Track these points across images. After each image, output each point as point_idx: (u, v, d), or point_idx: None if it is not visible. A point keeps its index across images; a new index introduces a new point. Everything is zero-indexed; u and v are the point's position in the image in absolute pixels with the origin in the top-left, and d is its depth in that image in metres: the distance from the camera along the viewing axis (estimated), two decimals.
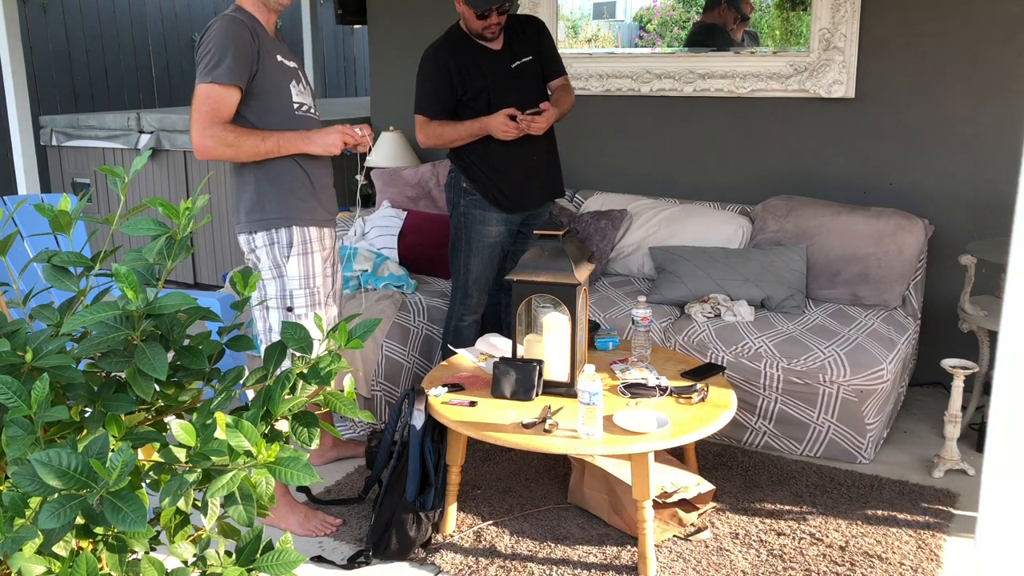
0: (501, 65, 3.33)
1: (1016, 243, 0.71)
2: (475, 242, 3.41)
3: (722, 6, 4.41)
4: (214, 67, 2.51)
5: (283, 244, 2.70)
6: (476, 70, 3.29)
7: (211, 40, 2.55)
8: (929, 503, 2.99)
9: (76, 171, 5.94)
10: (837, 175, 4.08)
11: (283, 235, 2.69)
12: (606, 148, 4.59)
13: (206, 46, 2.55)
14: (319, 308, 2.76)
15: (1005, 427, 0.73)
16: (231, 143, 2.54)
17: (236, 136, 2.55)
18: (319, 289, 2.76)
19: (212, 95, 2.52)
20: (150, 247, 1.33)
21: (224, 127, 2.54)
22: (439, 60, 3.31)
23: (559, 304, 2.76)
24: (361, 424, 3.51)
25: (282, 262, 2.70)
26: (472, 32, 3.30)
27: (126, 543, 1.23)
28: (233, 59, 2.51)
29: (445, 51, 3.32)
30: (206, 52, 2.54)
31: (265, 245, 2.70)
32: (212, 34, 2.56)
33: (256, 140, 2.58)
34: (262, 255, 2.72)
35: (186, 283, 5.61)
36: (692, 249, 3.88)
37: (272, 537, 1.34)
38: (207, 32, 2.58)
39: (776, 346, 3.31)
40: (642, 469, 2.50)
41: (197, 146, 2.55)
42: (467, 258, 3.43)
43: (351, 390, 1.40)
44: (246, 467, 1.18)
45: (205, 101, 2.52)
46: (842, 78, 3.94)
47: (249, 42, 2.56)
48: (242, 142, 2.56)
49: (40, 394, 1.13)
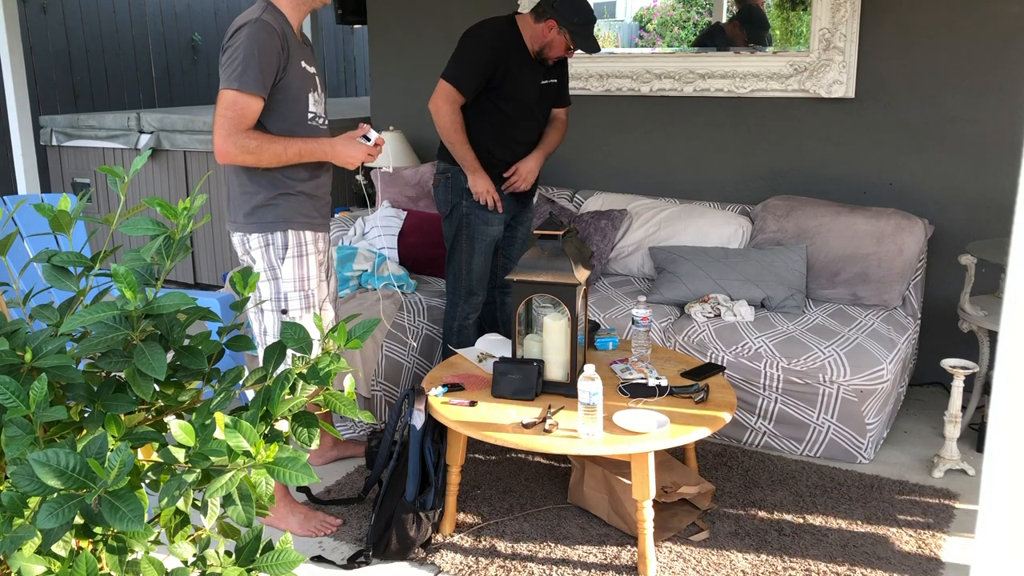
0: (534, 78, 3.39)
1: (1016, 243, 0.71)
2: (477, 241, 3.42)
3: (734, 23, 4.44)
4: (241, 74, 2.49)
5: (278, 246, 2.69)
6: (517, 73, 3.32)
7: (240, 44, 2.52)
8: (929, 503, 2.99)
9: (76, 171, 5.94)
10: (837, 175, 4.08)
11: (279, 238, 2.69)
12: (606, 148, 4.59)
13: (234, 50, 2.52)
14: (314, 311, 2.76)
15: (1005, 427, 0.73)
16: (253, 150, 2.55)
17: (259, 143, 2.55)
18: (314, 292, 2.76)
19: (238, 103, 2.51)
20: (148, 247, 1.33)
21: (247, 134, 2.54)
22: (498, 46, 3.28)
23: (559, 304, 2.76)
24: (361, 424, 3.51)
25: (277, 264, 2.70)
26: (537, 46, 3.32)
27: (126, 543, 1.23)
28: (260, 68, 2.50)
29: (505, 41, 3.30)
30: (234, 57, 2.52)
31: (260, 247, 2.70)
32: (242, 38, 2.52)
33: (279, 148, 2.58)
34: (257, 256, 2.71)
35: (186, 283, 5.61)
36: (692, 249, 3.88)
37: (272, 537, 1.34)
38: (236, 34, 2.55)
39: (776, 346, 3.31)
40: (642, 469, 2.50)
41: (219, 151, 2.55)
42: (469, 257, 3.43)
43: (351, 390, 1.40)
44: (245, 467, 1.17)
45: (230, 107, 2.52)
46: (842, 78, 3.94)
47: (278, 51, 2.55)
48: (264, 150, 2.56)
49: (39, 394, 1.13)
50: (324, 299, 2.87)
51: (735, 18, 4.55)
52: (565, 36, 3.27)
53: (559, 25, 3.25)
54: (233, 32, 2.57)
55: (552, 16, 3.25)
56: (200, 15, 7.96)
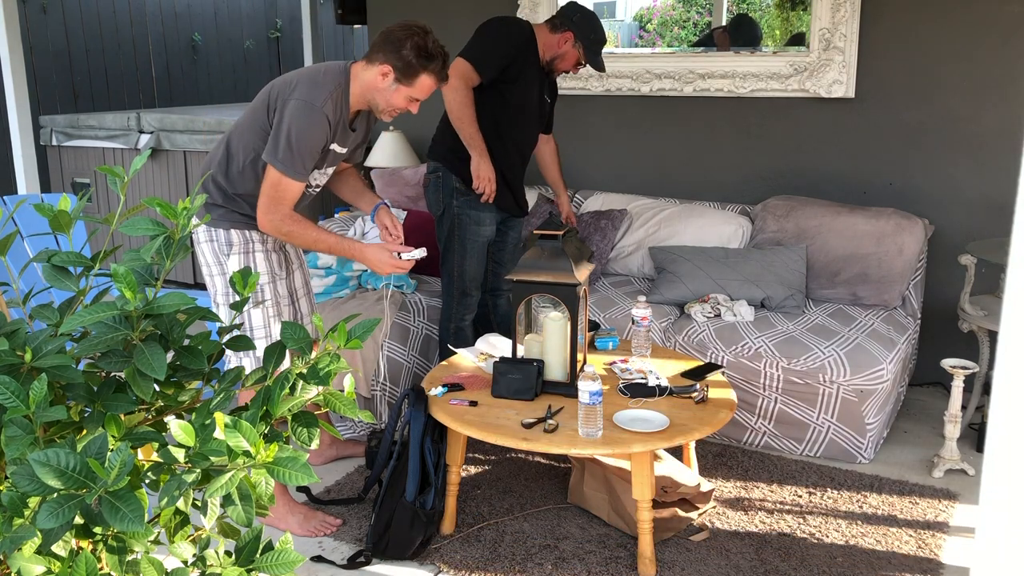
0: (540, 91, 3.45)
1: (1016, 243, 0.71)
2: (469, 242, 3.40)
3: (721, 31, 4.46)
4: (291, 160, 2.54)
5: (222, 243, 2.72)
6: (529, 77, 3.36)
7: (293, 125, 2.53)
8: (929, 503, 2.99)
9: (76, 171, 5.94)
10: (837, 175, 4.08)
11: (222, 235, 2.72)
12: (606, 148, 4.59)
13: (288, 126, 2.53)
14: (268, 306, 2.77)
15: (1005, 427, 0.73)
16: (286, 232, 2.63)
17: (292, 229, 2.62)
18: (264, 287, 2.77)
19: (282, 184, 2.58)
20: (148, 247, 1.33)
21: (286, 218, 2.60)
22: (520, 42, 3.31)
23: (559, 304, 2.76)
24: (361, 424, 3.51)
25: (223, 260, 2.73)
26: (549, 55, 3.36)
27: (126, 543, 1.23)
28: (306, 160, 2.57)
29: (526, 39, 3.33)
30: (287, 134, 2.53)
31: (207, 240, 2.73)
32: (302, 121, 2.53)
33: (311, 237, 2.65)
34: (205, 250, 2.74)
35: (185, 283, 5.61)
36: (692, 249, 3.88)
37: (272, 537, 1.34)
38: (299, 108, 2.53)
39: (776, 346, 3.31)
40: (642, 469, 2.50)
41: (259, 222, 2.63)
42: (462, 259, 3.41)
43: (351, 390, 1.40)
44: (245, 467, 1.17)
45: (275, 187, 2.58)
46: (842, 78, 3.94)
47: (323, 145, 2.61)
48: (295, 235, 2.64)
49: (38, 394, 1.13)
50: (292, 292, 2.91)
51: (725, 27, 4.56)
52: (579, 50, 3.33)
53: (576, 39, 3.31)
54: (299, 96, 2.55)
55: (571, 29, 3.31)
56: (200, 15, 7.96)
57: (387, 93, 2.62)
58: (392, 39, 2.58)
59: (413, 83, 2.61)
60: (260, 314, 2.75)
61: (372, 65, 2.60)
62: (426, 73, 2.60)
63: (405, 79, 2.59)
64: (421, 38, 2.57)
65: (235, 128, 2.73)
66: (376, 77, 2.60)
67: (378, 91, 2.62)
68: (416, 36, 2.57)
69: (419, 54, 2.57)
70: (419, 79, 2.60)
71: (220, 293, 2.76)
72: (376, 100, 2.65)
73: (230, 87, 8.28)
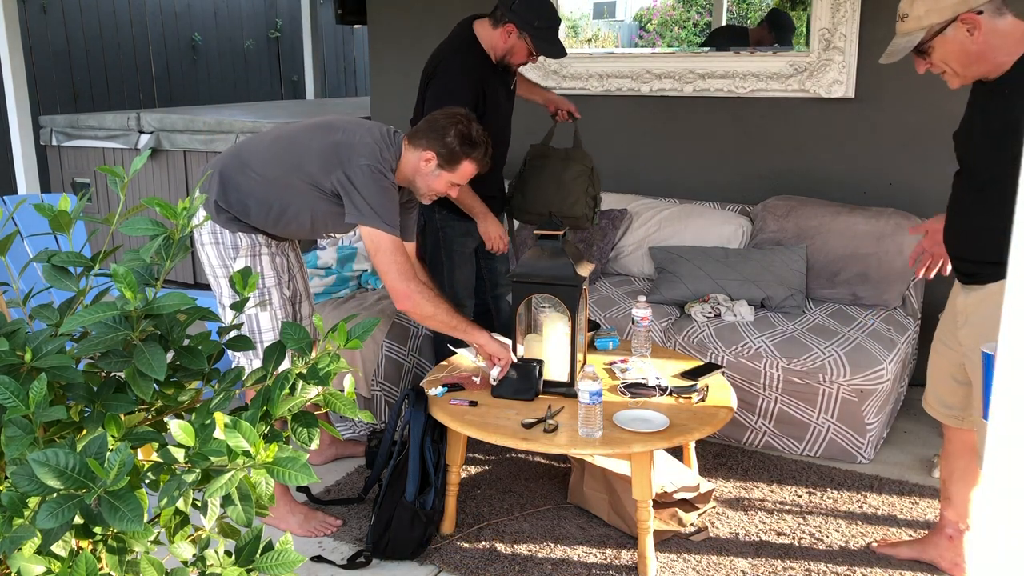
0: (505, 90, 3.25)
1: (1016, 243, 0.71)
2: (456, 254, 3.31)
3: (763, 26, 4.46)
4: (391, 220, 2.57)
5: (228, 245, 2.71)
6: (492, 87, 3.13)
7: (377, 188, 2.55)
8: (929, 503, 2.99)
9: (76, 171, 5.94)
10: (837, 175, 4.07)
11: (228, 237, 2.71)
12: (606, 148, 4.59)
13: (374, 189, 2.55)
14: (276, 308, 2.76)
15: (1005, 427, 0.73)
16: (425, 312, 2.66)
17: (434, 308, 2.66)
18: (270, 289, 2.76)
19: (398, 248, 2.59)
20: (148, 247, 1.33)
21: (426, 296, 2.64)
22: (472, 85, 3.05)
23: (559, 304, 2.76)
24: (361, 424, 3.51)
25: (229, 263, 2.72)
26: (499, 53, 3.11)
27: (126, 543, 1.23)
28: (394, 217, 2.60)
29: (477, 74, 3.08)
30: (376, 196, 2.55)
31: (212, 243, 2.71)
32: (379, 183, 2.56)
33: (446, 322, 2.70)
34: (210, 252, 2.73)
35: (185, 283, 5.61)
36: (692, 249, 3.88)
37: (272, 537, 1.34)
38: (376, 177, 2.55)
39: (776, 346, 3.31)
40: (642, 469, 2.50)
41: (401, 293, 2.62)
42: (451, 273, 3.32)
43: (351, 390, 1.40)
44: (245, 467, 1.17)
45: (398, 252, 2.60)
46: (842, 78, 3.94)
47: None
48: (429, 318, 2.69)
49: (38, 394, 1.13)
50: (294, 295, 2.91)
51: (763, 21, 4.55)
52: (526, 41, 3.05)
53: (519, 30, 3.02)
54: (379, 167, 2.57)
55: (511, 20, 3.01)
56: (200, 15, 7.96)
57: (429, 178, 2.65)
58: (436, 126, 2.62)
59: (455, 169, 2.64)
60: (268, 318, 2.75)
61: (416, 149, 2.63)
62: (469, 160, 2.63)
63: (448, 165, 2.62)
64: (465, 126, 2.60)
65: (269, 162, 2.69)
66: (419, 162, 2.63)
67: (420, 175, 2.65)
68: (460, 124, 2.60)
69: (463, 142, 2.60)
70: (461, 165, 2.63)
71: (226, 295, 2.76)
72: (417, 183, 2.68)
73: (230, 87, 8.28)
